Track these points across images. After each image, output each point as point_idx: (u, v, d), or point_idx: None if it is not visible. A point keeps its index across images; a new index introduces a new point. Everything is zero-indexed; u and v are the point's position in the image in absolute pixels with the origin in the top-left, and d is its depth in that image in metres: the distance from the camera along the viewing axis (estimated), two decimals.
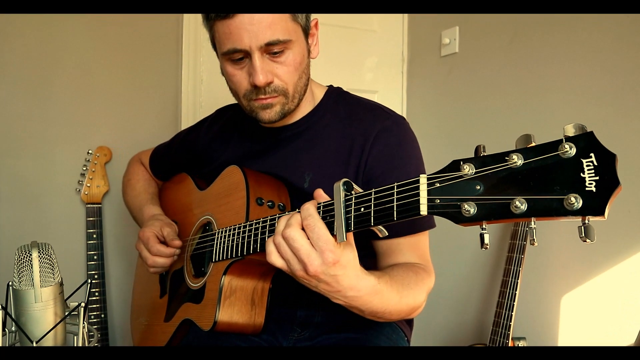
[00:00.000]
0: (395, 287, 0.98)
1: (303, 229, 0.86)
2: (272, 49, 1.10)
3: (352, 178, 1.18)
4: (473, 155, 0.69)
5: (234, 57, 1.12)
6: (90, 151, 2.11)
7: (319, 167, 1.22)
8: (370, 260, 1.20)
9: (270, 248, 0.89)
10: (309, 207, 0.86)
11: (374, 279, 0.92)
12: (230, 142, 1.38)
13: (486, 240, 0.66)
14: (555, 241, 1.88)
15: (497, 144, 2.05)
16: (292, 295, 1.25)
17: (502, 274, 1.89)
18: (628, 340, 1.72)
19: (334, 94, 1.32)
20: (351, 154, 1.19)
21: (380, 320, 1.02)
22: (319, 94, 1.31)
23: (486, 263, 2.15)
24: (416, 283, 1.05)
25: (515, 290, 1.84)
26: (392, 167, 1.17)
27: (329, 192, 0.89)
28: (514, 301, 1.83)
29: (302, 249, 0.85)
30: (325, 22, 2.35)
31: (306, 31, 1.17)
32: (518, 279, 1.84)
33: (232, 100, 1.29)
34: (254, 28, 1.07)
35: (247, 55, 1.11)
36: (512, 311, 1.83)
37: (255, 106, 1.17)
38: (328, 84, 1.36)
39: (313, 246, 0.84)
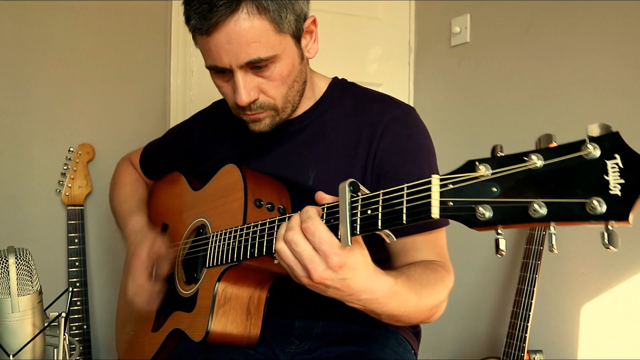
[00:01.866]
0: (413, 287, 0.99)
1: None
2: (255, 66, 1.11)
3: (359, 173, 1.20)
4: (488, 155, 0.69)
5: (217, 70, 1.14)
6: (71, 149, 2.11)
7: (323, 162, 1.23)
8: (384, 265, 1.20)
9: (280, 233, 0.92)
10: (309, 209, 0.88)
11: (391, 279, 0.93)
12: (227, 138, 1.39)
13: (502, 246, 0.67)
14: (575, 246, 1.89)
15: (511, 140, 2.06)
16: (290, 304, 1.26)
17: (517, 281, 1.90)
18: None
19: (339, 85, 1.33)
20: (358, 147, 1.21)
21: (399, 324, 1.04)
22: (322, 87, 1.32)
23: (499, 270, 2.16)
24: (435, 282, 1.06)
25: (531, 299, 1.84)
26: (403, 160, 1.18)
27: (335, 189, 0.90)
28: (529, 311, 1.84)
29: (304, 253, 0.86)
30: (326, 10, 2.36)
31: (297, 35, 1.15)
32: (534, 287, 1.84)
33: None
34: (232, 47, 1.07)
35: (230, 70, 1.12)
36: (527, 322, 1.83)
37: (244, 119, 1.21)
38: (332, 76, 1.37)
39: (316, 250, 0.86)
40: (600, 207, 0.58)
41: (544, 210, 0.61)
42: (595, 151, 0.60)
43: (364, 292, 0.90)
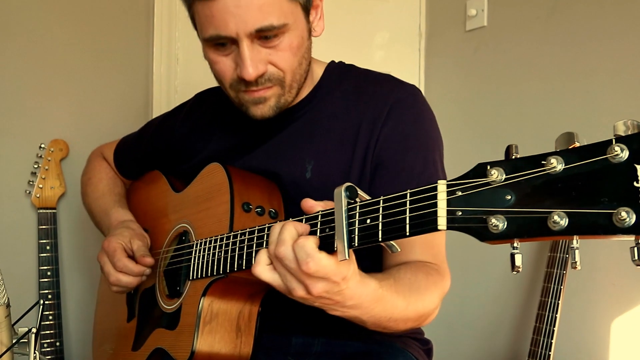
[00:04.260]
0: (401, 291, 1.00)
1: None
2: (263, 35, 1.10)
3: (360, 162, 1.20)
4: (503, 157, 0.69)
5: (218, 43, 1.13)
6: (42, 145, 2.11)
7: (322, 152, 1.23)
8: (373, 263, 1.21)
9: (261, 258, 0.93)
10: (305, 245, 0.85)
11: (375, 283, 0.95)
12: (213, 133, 1.39)
13: (518, 262, 0.66)
14: (604, 253, 1.89)
15: (532, 136, 2.05)
16: (285, 319, 1.25)
17: (540, 293, 1.90)
18: None
19: (337, 69, 1.34)
20: (359, 133, 1.21)
21: (385, 331, 1.05)
22: (319, 71, 1.32)
23: (520, 280, 2.15)
24: (427, 287, 1.07)
25: (556, 312, 1.84)
26: (405, 148, 1.19)
27: (336, 183, 0.89)
28: (554, 326, 1.84)
29: (300, 274, 0.87)
30: None
31: (307, 8, 1.17)
32: (559, 300, 1.84)
33: (214, 83, 1.29)
34: (241, 11, 1.06)
35: (233, 41, 1.11)
36: (551, 338, 1.83)
37: (245, 99, 1.19)
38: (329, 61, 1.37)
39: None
40: (630, 218, 0.57)
41: (564, 222, 0.61)
42: (622, 153, 0.59)
43: (351, 299, 0.92)
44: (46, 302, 2.01)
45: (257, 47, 1.12)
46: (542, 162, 0.63)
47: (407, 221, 0.76)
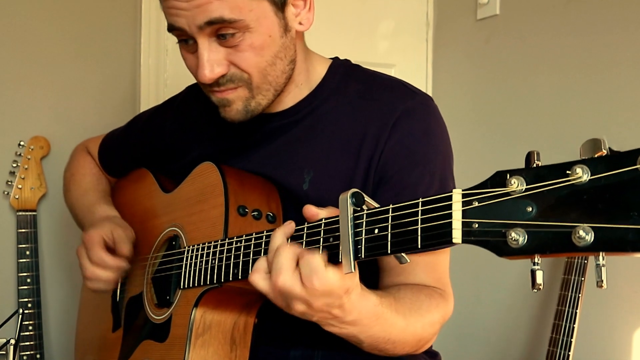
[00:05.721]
0: (401, 311, 1.02)
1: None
2: (218, 31, 1.10)
3: (363, 175, 1.19)
4: (515, 156, 0.68)
5: (179, 37, 1.14)
6: (21, 143, 2.10)
7: (322, 162, 1.23)
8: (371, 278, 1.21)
9: (260, 266, 0.94)
10: (311, 261, 0.86)
11: (376, 298, 0.96)
12: (206, 131, 1.38)
13: (539, 280, 0.66)
14: (624, 260, 1.88)
15: (548, 134, 2.05)
16: (283, 330, 1.25)
17: (556, 302, 1.90)
18: None
19: (341, 68, 1.32)
20: (363, 144, 1.20)
21: (381, 354, 1.06)
22: (321, 71, 1.31)
23: None
24: (428, 309, 1.08)
25: (574, 323, 1.84)
26: (412, 164, 1.18)
27: (334, 195, 0.89)
28: (571, 337, 1.84)
29: (303, 293, 0.88)
30: None
31: (279, 3, 1.14)
32: (577, 309, 1.85)
33: None
34: (190, 4, 1.06)
35: (193, 38, 1.11)
36: (569, 350, 1.84)
37: (213, 100, 1.20)
38: (332, 56, 1.36)
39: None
40: None
41: (590, 237, 0.60)
42: None
43: (350, 313, 0.93)
44: (26, 311, 2.01)
45: (215, 47, 1.12)
46: (567, 171, 0.63)
47: (419, 233, 0.75)
